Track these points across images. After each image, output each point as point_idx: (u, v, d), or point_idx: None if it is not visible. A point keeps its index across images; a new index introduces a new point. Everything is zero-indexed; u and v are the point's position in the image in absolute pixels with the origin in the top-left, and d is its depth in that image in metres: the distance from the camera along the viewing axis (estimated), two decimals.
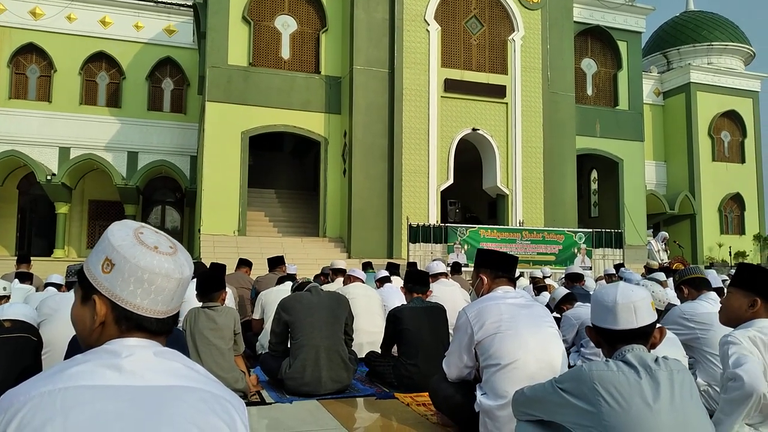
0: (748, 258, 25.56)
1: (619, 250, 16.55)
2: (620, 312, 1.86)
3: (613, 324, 1.87)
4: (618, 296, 1.88)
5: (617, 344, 1.87)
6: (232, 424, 1.04)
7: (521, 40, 18.61)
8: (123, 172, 20.58)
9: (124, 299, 1.08)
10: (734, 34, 27.64)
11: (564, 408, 1.82)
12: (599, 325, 1.92)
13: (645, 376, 1.74)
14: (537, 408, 1.96)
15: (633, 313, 1.86)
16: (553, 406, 1.87)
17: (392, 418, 3.83)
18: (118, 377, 1.00)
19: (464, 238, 15.13)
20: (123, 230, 1.12)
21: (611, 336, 1.88)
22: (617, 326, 1.87)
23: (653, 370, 1.76)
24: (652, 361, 1.79)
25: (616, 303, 1.87)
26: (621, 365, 1.78)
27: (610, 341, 1.89)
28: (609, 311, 1.88)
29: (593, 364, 1.80)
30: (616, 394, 1.72)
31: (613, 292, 1.90)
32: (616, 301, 1.87)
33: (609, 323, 1.88)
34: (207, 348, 4.04)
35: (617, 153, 22.56)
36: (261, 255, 14.92)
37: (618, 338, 1.87)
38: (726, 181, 26.15)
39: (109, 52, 20.96)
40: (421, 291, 4.88)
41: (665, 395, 1.72)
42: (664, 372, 1.76)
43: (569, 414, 1.80)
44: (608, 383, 1.74)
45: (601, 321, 1.92)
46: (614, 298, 1.88)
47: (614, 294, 1.89)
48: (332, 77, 18.05)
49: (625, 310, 1.86)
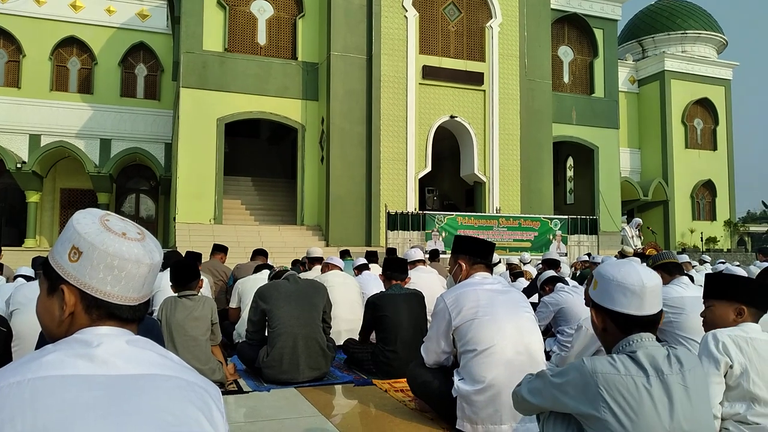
0: (719, 244, 26.11)
1: (594, 236, 16.77)
2: (648, 296, 1.67)
3: (638, 309, 1.66)
4: (644, 278, 1.68)
5: (632, 331, 1.67)
6: (207, 412, 1.03)
7: (499, 27, 18.63)
8: (96, 159, 20.21)
9: (93, 287, 1.05)
10: (707, 22, 28.01)
11: (564, 403, 1.65)
12: (617, 309, 1.68)
13: (656, 384, 1.57)
14: (540, 401, 1.74)
15: (657, 297, 1.70)
16: (553, 400, 1.69)
17: (370, 404, 3.85)
18: (89, 366, 0.98)
19: (442, 225, 15.20)
20: (88, 218, 1.09)
21: (629, 322, 1.67)
22: (642, 311, 1.67)
23: (665, 375, 1.58)
24: (664, 360, 1.61)
25: (644, 286, 1.66)
26: (629, 366, 1.59)
27: (626, 328, 1.68)
28: (635, 295, 1.66)
29: (597, 363, 1.60)
30: (623, 404, 1.55)
31: (636, 274, 1.69)
32: (644, 284, 1.67)
33: (633, 308, 1.66)
34: (183, 338, 4.00)
35: (593, 140, 22.80)
36: (238, 243, 14.83)
37: (636, 324, 1.67)
38: (698, 168, 26.62)
39: (81, 37, 20.49)
40: (400, 278, 4.90)
41: (679, 407, 1.56)
42: (677, 376, 1.59)
43: (571, 408, 1.63)
44: (615, 389, 1.56)
45: (620, 305, 1.68)
46: (641, 281, 1.67)
47: (639, 276, 1.68)
48: (309, 63, 17.89)
49: (653, 294, 1.68)
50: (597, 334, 1.79)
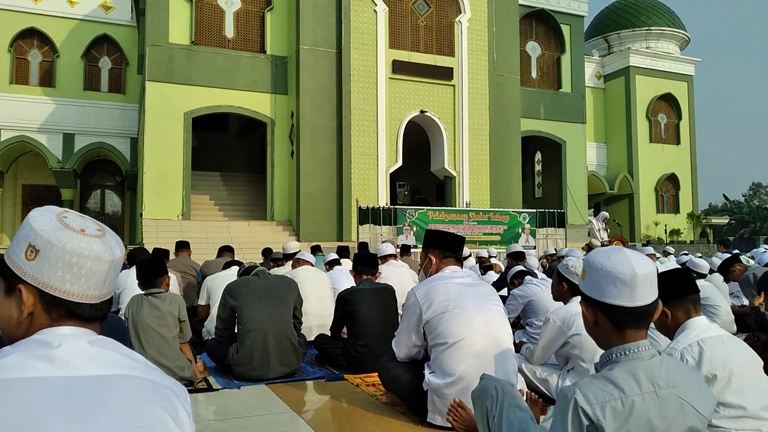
0: (682, 235, 26.77)
1: (562, 229, 17.04)
2: (639, 285, 1.55)
3: (630, 300, 1.54)
4: (636, 266, 1.55)
5: (626, 326, 1.57)
6: (173, 412, 1.01)
7: (468, 22, 18.72)
8: (59, 154, 19.72)
9: (52, 286, 1.03)
10: (671, 19, 28.62)
11: None
12: (607, 300, 1.56)
13: (651, 399, 1.49)
14: None
15: (651, 286, 1.57)
16: None
17: (342, 399, 3.85)
18: (50, 368, 0.96)
19: (413, 219, 15.25)
20: (45, 215, 1.06)
21: (621, 314, 1.56)
22: (634, 303, 1.55)
23: (662, 389, 1.50)
24: (660, 373, 1.53)
25: (636, 275, 1.54)
26: (628, 386, 1.48)
27: (618, 321, 1.56)
28: (625, 285, 1.54)
29: (588, 389, 1.48)
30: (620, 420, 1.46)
31: (627, 262, 1.56)
32: (635, 273, 1.54)
33: (624, 299, 1.54)
34: (150, 337, 3.93)
35: (560, 135, 23.12)
36: (206, 239, 14.64)
37: (628, 316, 1.56)
38: (662, 161, 27.23)
39: (41, 28, 19.93)
40: (370, 273, 4.89)
41: (675, 419, 1.49)
42: (673, 390, 1.52)
43: None
44: (609, 410, 1.46)
45: (610, 296, 1.56)
46: (632, 269, 1.55)
47: (630, 264, 1.56)
48: (278, 57, 17.72)
49: (645, 284, 1.56)
50: (588, 329, 1.67)
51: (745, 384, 2.21)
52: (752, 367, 2.28)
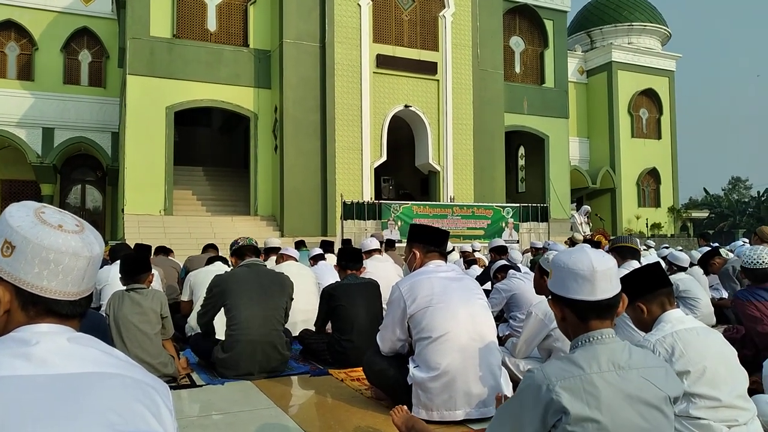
0: (663, 229, 27.10)
1: (545, 223, 17.15)
2: (599, 281, 1.64)
3: (590, 294, 1.64)
4: (595, 263, 1.64)
5: (590, 318, 1.65)
6: (155, 409, 1.00)
7: (452, 16, 18.72)
8: (38, 149, 19.42)
9: (29, 282, 1.01)
10: (653, 15, 28.85)
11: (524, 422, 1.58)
12: (570, 296, 1.66)
13: (612, 378, 1.57)
14: None
15: (610, 281, 1.66)
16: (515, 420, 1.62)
17: (327, 394, 3.84)
18: (27, 366, 0.94)
19: (398, 214, 15.26)
20: (22, 210, 1.04)
21: (584, 308, 1.65)
22: (595, 297, 1.64)
23: (624, 369, 1.59)
24: (623, 356, 1.62)
25: (595, 270, 1.63)
26: (587, 365, 1.57)
27: (582, 314, 1.66)
28: (585, 280, 1.64)
29: (549, 369, 1.58)
30: (585, 401, 1.53)
31: (586, 259, 1.66)
32: (594, 269, 1.64)
33: (585, 294, 1.64)
34: (132, 333, 3.89)
35: (543, 130, 23.25)
36: (189, 235, 14.54)
37: (591, 310, 1.65)
38: (644, 156, 27.49)
39: (19, 20, 19.56)
40: (355, 268, 4.89)
41: (639, 396, 1.58)
42: (635, 371, 1.60)
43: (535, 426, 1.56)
44: (572, 390, 1.55)
45: (573, 291, 1.66)
46: (591, 265, 1.64)
47: (589, 260, 1.65)
48: (261, 51, 17.59)
49: (604, 278, 1.65)
50: (558, 325, 1.77)
51: (719, 375, 2.25)
52: (727, 357, 2.32)
